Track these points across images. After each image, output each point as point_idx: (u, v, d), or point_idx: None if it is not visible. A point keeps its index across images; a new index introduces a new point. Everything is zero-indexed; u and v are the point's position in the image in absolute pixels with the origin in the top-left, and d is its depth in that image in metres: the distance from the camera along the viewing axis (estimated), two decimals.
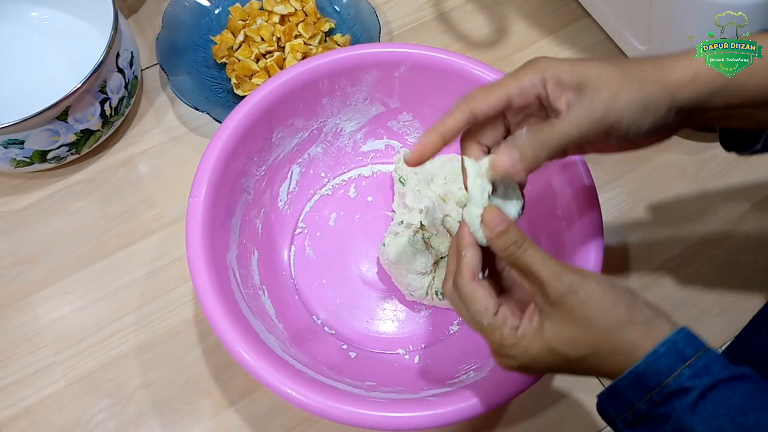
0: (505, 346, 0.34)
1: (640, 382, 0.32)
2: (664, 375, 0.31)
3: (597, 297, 0.32)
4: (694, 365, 0.31)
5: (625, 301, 0.33)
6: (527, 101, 0.36)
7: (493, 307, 0.35)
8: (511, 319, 0.34)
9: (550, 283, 0.33)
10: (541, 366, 0.34)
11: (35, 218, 0.60)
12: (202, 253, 0.45)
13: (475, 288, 0.35)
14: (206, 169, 0.48)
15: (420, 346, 0.53)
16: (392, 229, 0.54)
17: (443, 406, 0.41)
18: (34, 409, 0.52)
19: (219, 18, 0.69)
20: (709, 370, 0.31)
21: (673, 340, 0.31)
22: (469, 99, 0.36)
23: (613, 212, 0.62)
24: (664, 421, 0.31)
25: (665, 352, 0.31)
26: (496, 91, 0.36)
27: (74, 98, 0.54)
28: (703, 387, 0.30)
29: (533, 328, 0.34)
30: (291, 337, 0.50)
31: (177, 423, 0.51)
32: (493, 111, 0.36)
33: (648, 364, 0.31)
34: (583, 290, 0.32)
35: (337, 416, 0.40)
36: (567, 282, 0.32)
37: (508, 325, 0.34)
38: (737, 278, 0.59)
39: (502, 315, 0.35)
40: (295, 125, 0.55)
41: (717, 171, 0.64)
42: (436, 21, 0.72)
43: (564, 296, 0.32)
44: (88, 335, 0.55)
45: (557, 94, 0.35)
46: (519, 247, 0.34)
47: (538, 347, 0.34)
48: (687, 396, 0.30)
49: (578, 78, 0.35)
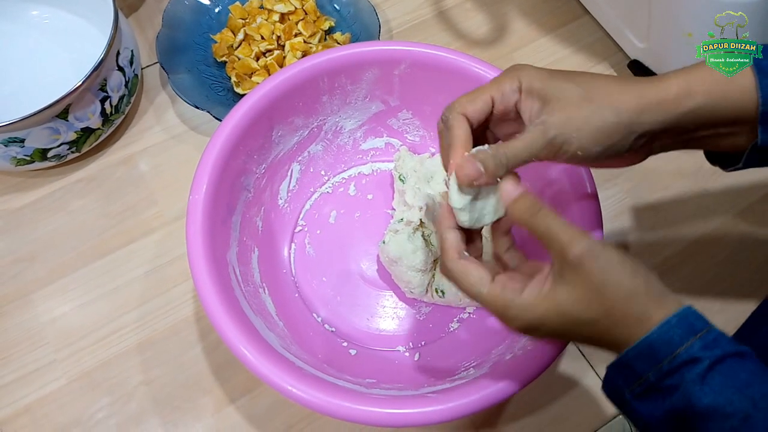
0: (507, 306, 0.35)
1: (652, 352, 0.32)
2: (676, 345, 0.31)
3: (617, 263, 0.33)
4: (705, 337, 0.31)
5: (644, 274, 0.33)
6: (507, 107, 0.38)
7: (487, 275, 0.36)
8: (510, 283, 0.35)
9: (571, 244, 0.33)
10: (549, 328, 0.34)
11: (36, 216, 0.60)
12: (202, 251, 0.45)
13: (464, 264, 0.36)
14: (206, 168, 0.48)
15: (420, 343, 0.53)
16: (392, 226, 0.54)
17: (443, 402, 0.41)
18: (35, 406, 0.52)
19: (219, 16, 0.69)
20: (718, 344, 0.31)
21: (685, 313, 0.32)
22: (457, 107, 0.38)
23: (612, 210, 0.62)
24: (673, 391, 0.31)
25: (677, 323, 0.32)
26: (480, 95, 0.38)
27: (74, 96, 0.54)
28: (713, 358, 0.31)
29: (544, 290, 0.34)
30: (291, 334, 0.50)
31: (178, 421, 0.52)
32: (480, 114, 0.38)
33: (660, 334, 0.32)
34: (603, 255, 0.33)
35: (337, 413, 0.40)
36: (587, 245, 0.33)
37: (508, 287, 0.35)
38: (736, 276, 0.59)
39: (500, 281, 0.35)
40: (295, 123, 0.55)
41: (716, 169, 0.64)
42: (435, 19, 0.73)
43: (583, 258, 0.33)
44: (88, 333, 0.55)
45: (526, 105, 0.37)
46: (537, 212, 0.35)
47: (547, 308, 0.34)
48: (697, 366, 0.31)
49: (545, 91, 0.36)
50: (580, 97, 0.36)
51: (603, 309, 0.33)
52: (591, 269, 0.33)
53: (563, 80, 0.37)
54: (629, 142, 0.36)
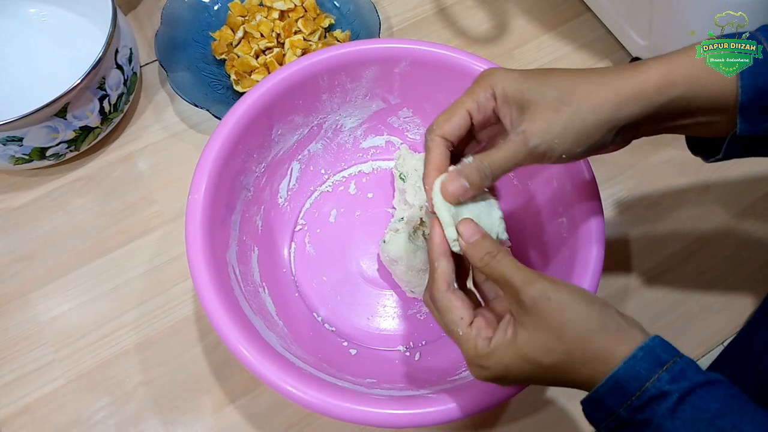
0: (478, 356, 0.35)
1: (620, 388, 0.32)
2: (643, 379, 0.31)
3: (569, 304, 0.33)
4: (671, 369, 0.31)
5: (598, 310, 0.33)
6: (486, 116, 0.38)
7: (467, 318, 0.35)
8: (485, 330, 0.35)
9: (523, 288, 0.33)
10: (516, 376, 0.34)
11: (34, 215, 0.60)
12: (201, 251, 0.45)
13: (450, 298, 0.36)
14: (206, 166, 0.48)
15: (420, 343, 0.53)
16: (392, 225, 0.54)
17: (444, 403, 0.40)
18: (34, 406, 0.52)
19: (218, 14, 0.68)
20: (685, 375, 0.31)
21: (650, 345, 0.32)
22: (435, 128, 0.38)
23: (615, 208, 0.62)
24: (646, 426, 0.31)
25: (643, 356, 0.31)
26: (456, 112, 0.38)
27: (73, 95, 0.53)
28: (681, 391, 0.31)
29: (507, 338, 0.34)
30: (291, 334, 0.50)
31: (177, 420, 0.51)
32: (459, 131, 0.38)
33: (627, 369, 0.31)
34: (555, 296, 0.33)
35: (337, 413, 0.40)
36: (540, 288, 0.33)
37: (481, 336, 0.35)
38: (738, 275, 0.59)
39: (477, 326, 0.35)
40: (294, 122, 0.55)
41: (718, 167, 0.64)
42: (436, 16, 0.72)
43: (537, 301, 0.33)
44: (88, 333, 0.54)
45: (503, 111, 0.37)
46: (493, 257, 0.34)
47: (511, 356, 0.34)
48: (666, 400, 0.31)
49: (520, 97, 0.36)
50: (557, 100, 0.35)
51: (564, 350, 0.33)
52: (545, 312, 0.33)
53: (538, 83, 0.36)
54: (611, 137, 0.36)
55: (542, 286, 0.33)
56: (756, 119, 0.35)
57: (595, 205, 0.47)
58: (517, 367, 0.34)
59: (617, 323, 0.33)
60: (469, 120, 0.38)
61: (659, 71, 0.35)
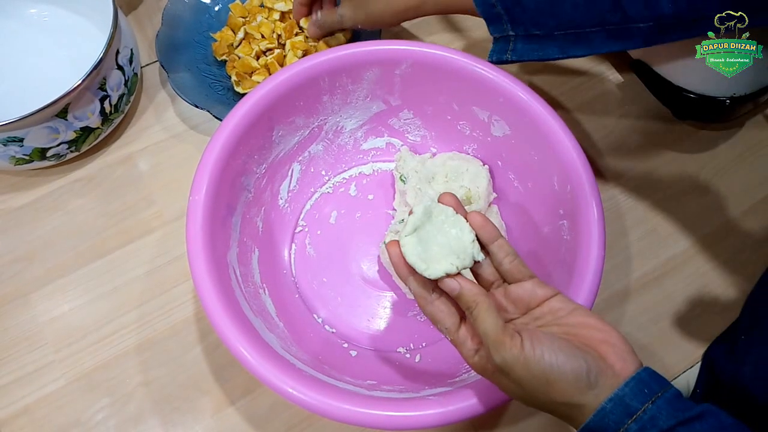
0: (468, 362, 0.37)
1: None
2: (612, 431, 0.32)
3: (528, 379, 0.34)
4: (640, 419, 0.32)
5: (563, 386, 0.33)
6: None
7: (453, 326, 0.37)
8: (470, 343, 0.37)
9: (492, 353, 0.34)
10: None
11: (35, 216, 0.59)
12: (202, 252, 0.45)
13: (433, 312, 0.37)
14: (206, 168, 0.48)
15: (421, 345, 0.53)
16: (393, 227, 0.54)
17: (444, 405, 0.40)
18: (34, 407, 0.52)
19: (219, 15, 0.68)
20: (655, 422, 0.32)
21: (620, 395, 0.33)
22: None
23: (615, 210, 0.62)
24: None
25: (612, 408, 0.33)
26: None
27: (74, 96, 0.53)
28: None
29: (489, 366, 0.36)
30: (291, 335, 0.50)
31: (177, 422, 0.51)
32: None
33: (596, 422, 0.33)
34: (514, 372, 0.34)
35: (337, 415, 0.40)
36: (499, 361, 0.34)
37: (467, 347, 0.37)
38: (740, 276, 0.59)
39: (462, 335, 0.37)
40: (295, 123, 0.55)
41: (719, 169, 0.64)
42: (437, 18, 0.72)
43: (501, 371, 0.35)
44: (88, 333, 0.54)
45: None
46: (470, 313, 0.36)
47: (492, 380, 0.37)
48: None
49: None
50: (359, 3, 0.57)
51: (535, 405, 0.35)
52: (509, 378, 0.34)
53: None
54: None
55: (501, 359, 0.34)
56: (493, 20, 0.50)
57: (595, 208, 0.47)
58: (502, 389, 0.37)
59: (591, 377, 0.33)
60: None
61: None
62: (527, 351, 0.33)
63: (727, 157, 0.65)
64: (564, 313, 0.37)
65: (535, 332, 0.34)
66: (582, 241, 0.46)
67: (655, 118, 0.67)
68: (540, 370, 0.33)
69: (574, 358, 0.33)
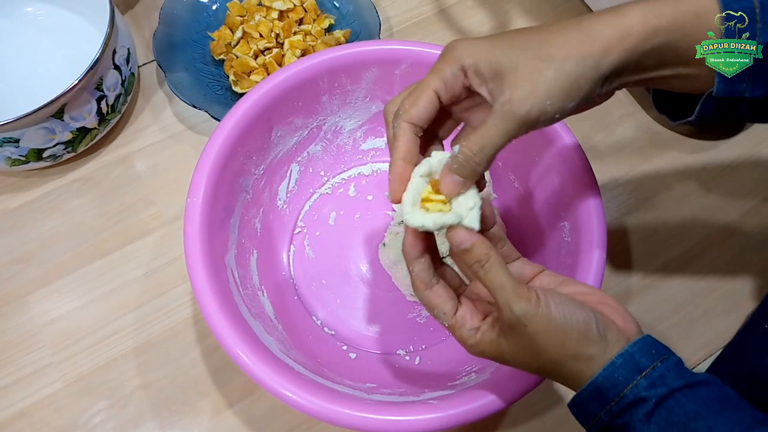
0: (467, 344, 0.36)
1: (600, 394, 0.33)
2: (622, 386, 0.32)
3: (544, 332, 0.33)
4: (649, 375, 0.32)
5: (576, 336, 0.33)
6: (455, 93, 0.35)
7: (450, 311, 0.36)
8: (470, 321, 0.36)
9: (504, 309, 0.33)
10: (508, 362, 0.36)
11: (31, 217, 0.59)
12: (200, 254, 0.44)
13: (429, 296, 0.36)
14: (204, 169, 0.47)
15: (420, 347, 0.53)
16: (392, 228, 0.54)
17: (444, 409, 0.40)
18: (31, 410, 0.51)
19: (217, 14, 0.68)
20: (664, 380, 0.32)
21: (630, 351, 0.33)
22: (402, 113, 0.35)
23: (616, 211, 0.61)
24: (624, 430, 0.33)
25: (622, 363, 0.32)
26: (423, 94, 0.35)
27: (70, 96, 0.53)
28: (658, 396, 0.32)
29: (491, 336, 0.35)
30: (290, 338, 0.49)
31: (175, 424, 0.51)
32: (428, 113, 0.35)
33: (606, 376, 0.33)
34: (532, 324, 0.33)
35: (336, 419, 0.40)
36: (519, 312, 0.33)
37: (466, 327, 0.36)
38: (740, 278, 0.59)
39: (461, 317, 0.36)
40: (294, 123, 0.55)
41: (720, 170, 0.64)
42: (437, 17, 0.72)
43: (514, 327, 0.33)
44: (85, 335, 0.54)
45: (478, 83, 0.34)
46: (482, 267, 0.34)
47: (494, 352, 0.35)
48: (643, 406, 0.32)
49: (494, 67, 0.33)
50: (536, 58, 0.33)
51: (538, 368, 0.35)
52: (521, 336, 0.33)
53: (510, 46, 0.33)
54: (599, 87, 0.34)
55: (522, 310, 0.33)
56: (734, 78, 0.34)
57: (597, 209, 0.47)
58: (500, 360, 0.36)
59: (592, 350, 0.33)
60: (437, 101, 0.35)
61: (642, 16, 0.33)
62: (543, 301, 0.33)
63: (728, 158, 0.64)
64: (554, 285, 0.37)
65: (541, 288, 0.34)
66: (583, 243, 0.46)
67: (656, 119, 0.66)
68: (560, 318, 0.33)
69: (582, 309, 0.33)
